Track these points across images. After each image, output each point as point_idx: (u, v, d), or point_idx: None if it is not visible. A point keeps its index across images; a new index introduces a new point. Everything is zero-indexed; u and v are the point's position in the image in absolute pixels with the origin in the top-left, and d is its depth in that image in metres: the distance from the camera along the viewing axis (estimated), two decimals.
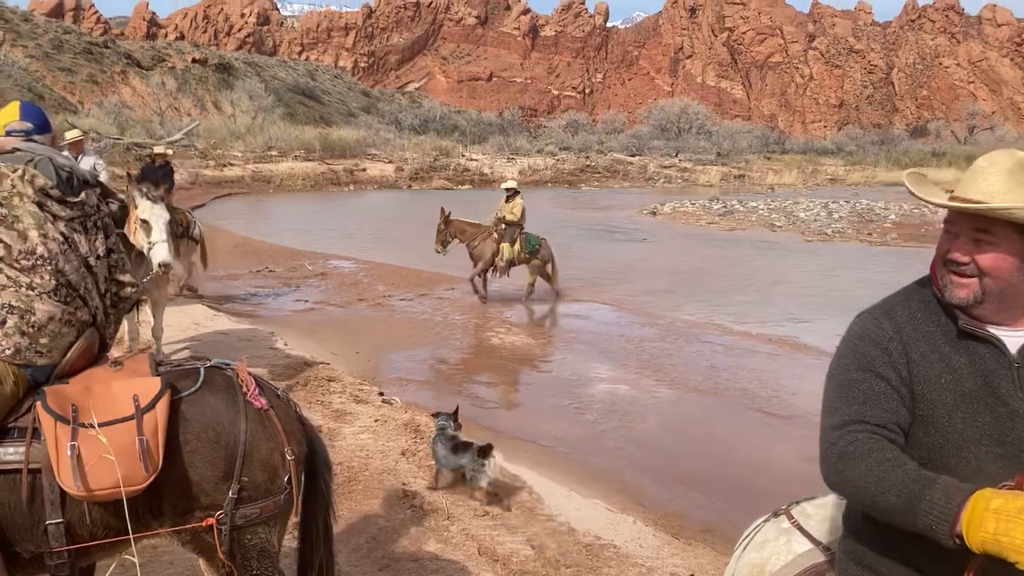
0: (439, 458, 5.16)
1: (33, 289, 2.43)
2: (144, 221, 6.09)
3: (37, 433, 2.30)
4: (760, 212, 27.16)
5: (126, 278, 2.75)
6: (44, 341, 2.43)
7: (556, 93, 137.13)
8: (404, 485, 5.11)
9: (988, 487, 1.55)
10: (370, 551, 4.25)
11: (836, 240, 21.13)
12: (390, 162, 40.23)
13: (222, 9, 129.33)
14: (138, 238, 6.17)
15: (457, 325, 10.93)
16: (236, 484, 2.43)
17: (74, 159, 3.23)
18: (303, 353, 8.43)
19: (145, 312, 7.67)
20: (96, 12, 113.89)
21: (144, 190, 6.18)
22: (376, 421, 6.36)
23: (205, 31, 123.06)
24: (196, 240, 9.79)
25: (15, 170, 2.49)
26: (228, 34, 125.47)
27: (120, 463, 2.27)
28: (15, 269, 2.42)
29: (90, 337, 2.58)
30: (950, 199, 1.75)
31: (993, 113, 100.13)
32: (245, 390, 2.54)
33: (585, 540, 4.63)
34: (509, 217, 12.19)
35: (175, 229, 6.84)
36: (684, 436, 7.06)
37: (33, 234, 2.45)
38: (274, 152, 37.40)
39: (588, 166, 46.70)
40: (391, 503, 4.85)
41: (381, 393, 7.25)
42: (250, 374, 2.61)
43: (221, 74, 59.00)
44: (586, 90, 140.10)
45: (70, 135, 9.56)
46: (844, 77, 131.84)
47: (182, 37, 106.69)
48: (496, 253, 12.03)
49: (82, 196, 2.61)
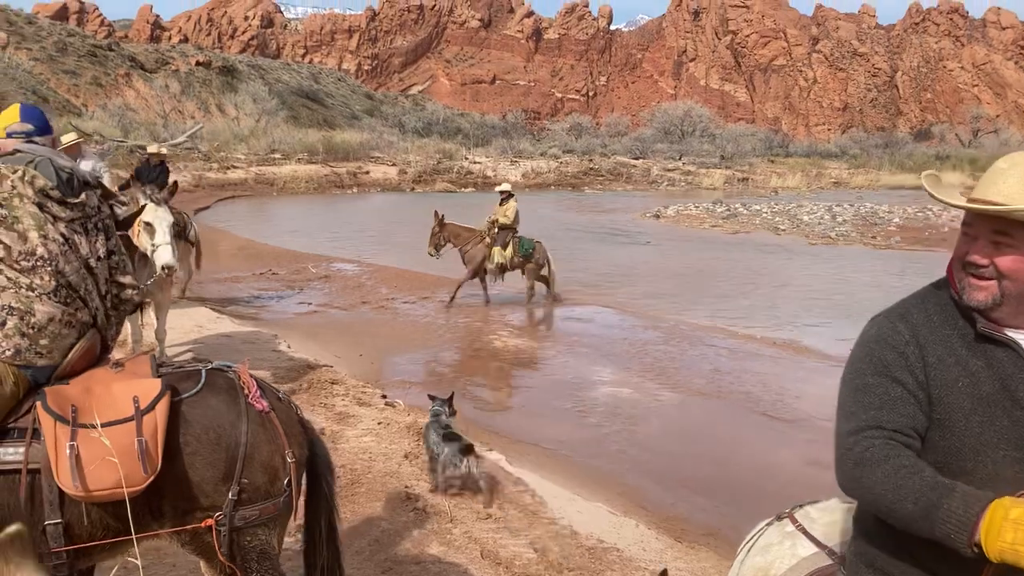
0: (430, 443, 5.31)
1: (33, 290, 2.42)
2: (147, 223, 6.10)
3: (37, 434, 2.30)
4: (764, 215, 27.13)
5: (127, 280, 2.74)
6: (44, 342, 2.43)
7: (559, 96, 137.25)
8: (407, 488, 5.10)
9: (1007, 494, 1.54)
10: (372, 554, 4.24)
11: (840, 243, 21.10)
12: (393, 165, 40.30)
13: (226, 12, 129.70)
14: (142, 240, 6.18)
15: (460, 328, 10.93)
16: (236, 486, 2.43)
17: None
18: (306, 356, 8.43)
19: (148, 314, 7.67)
20: (100, 15, 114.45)
21: (148, 193, 6.19)
22: (379, 424, 6.35)
23: (209, 34, 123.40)
24: (192, 242, 9.78)
25: (15, 171, 2.49)
26: (232, 37, 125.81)
27: (119, 464, 2.26)
28: (15, 270, 2.42)
29: (91, 339, 2.58)
30: (968, 201, 1.73)
31: (997, 116, 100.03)
32: (247, 392, 2.53)
33: (588, 543, 4.62)
34: (502, 220, 12.22)
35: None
36: (687, 439, 7.03)
37: (33, 235, 2.45)
38: (277, 155, 37.47)
39: (591, 169, 46.71)
40: (394, 506, 4.84)
41: (384, 396, 7.24)
42: (252, 376, 2.61)
43: (225, 77, 59.18)
44: (589, 93, 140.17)
45: (65, 138, 8.48)
46: (848, 80, 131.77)
47: (186, 40, 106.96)
48: (487, 258, 12.04)
49: (82, 197, 2.61)
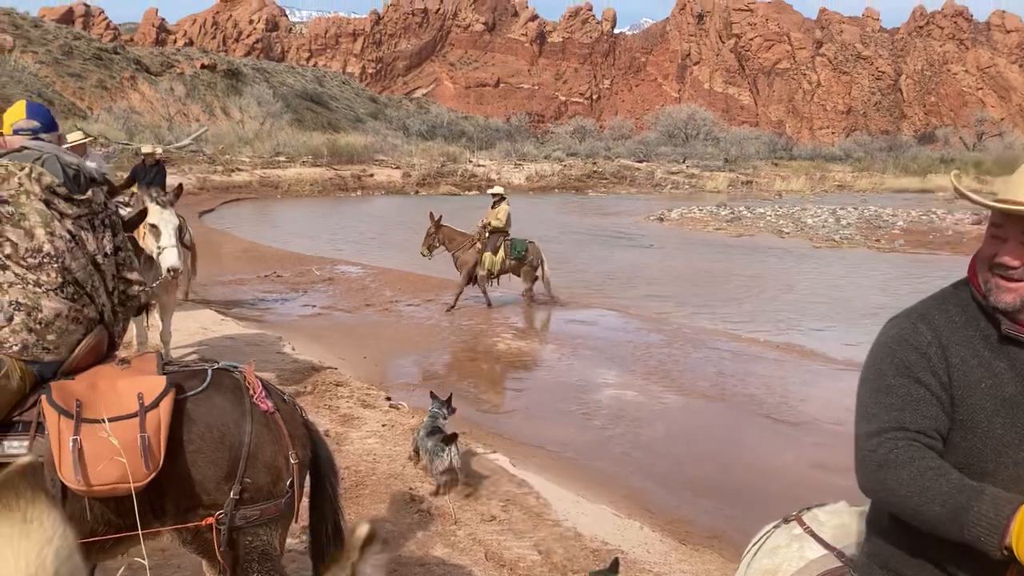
0: (417, 440, 5.42)
1: (40, 286, 2.43)
2: (153, 226, 6.10)
3: (41, 427, 2.31)
4: (768, 218, 27.10)
5: (134, 276, 2.75)
6: (51, 338, 2.44)
7: (563, 99, 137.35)
8: (411, 490, 5.10)
9: None
10: None
11: (844, 246, 21.06)
12: (397, 168, 40.37)
13: (231, 15, 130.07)
14: (147, 242, 6.18)
15: (464, 331, 10.92)
16: (238, 485, 2.43)
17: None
18: (311, 358, 8.43)
19: (153, 316, 7.68)
20: (106, 18, 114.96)
21: (153, 195, 6.20)
22: (383, 426, 6.35)
23: (214, 37, 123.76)
24: (187, 246, 9.79)
25: (22, 168, 2.49)
26: (237, 40, 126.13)
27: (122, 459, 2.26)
28: (22, 267, 2.42)
29: (98, 335, 2.58)
30: (996, 201, 1.70)
31: (1002, 119, 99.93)
32: (252, 392, 2.53)
33: (592, 545, 4.61)
34: (494, 223, 12.26)
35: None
36: (691, 442, 7.02)
37: (40, 232, 2.45)
38: (282, 157, 37.55)
39: (595, 172, 46.74)
40: (398, 508, 4.84)
41: (388, 398, 7.24)
42: (258, 377, 2.61)
43: (230, 80, 59.28)
44: (593, 96, 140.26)
45: (71, 137, 8.43)
46: (852, 83, 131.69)
47: (191, 43, 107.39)
48: (479, 263, 12.06)
49: (89, 194, 2.61)
